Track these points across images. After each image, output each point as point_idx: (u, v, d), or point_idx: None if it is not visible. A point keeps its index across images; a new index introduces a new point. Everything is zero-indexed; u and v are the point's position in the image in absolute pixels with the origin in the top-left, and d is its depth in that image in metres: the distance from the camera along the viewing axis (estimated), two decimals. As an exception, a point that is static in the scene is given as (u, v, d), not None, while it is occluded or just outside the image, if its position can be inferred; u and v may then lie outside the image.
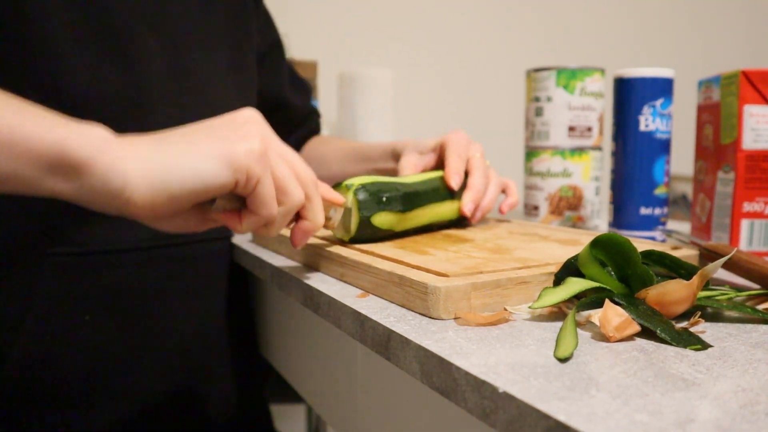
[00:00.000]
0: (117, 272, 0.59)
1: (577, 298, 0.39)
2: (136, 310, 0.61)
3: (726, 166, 0.59)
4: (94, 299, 0.58)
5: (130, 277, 0.60)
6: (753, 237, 0.57)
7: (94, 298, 0.58)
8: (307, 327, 0.60)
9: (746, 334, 0.35)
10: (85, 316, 0.58)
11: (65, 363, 0.58)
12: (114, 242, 0.59)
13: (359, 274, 0.46)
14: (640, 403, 0.25)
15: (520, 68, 1.44)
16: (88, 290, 0.58)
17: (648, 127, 0.66)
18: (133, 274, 0.60)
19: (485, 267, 0.43)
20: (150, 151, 0.37)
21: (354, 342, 0.49)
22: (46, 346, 0.57)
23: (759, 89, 0.57)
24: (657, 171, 0.66)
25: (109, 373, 0.60)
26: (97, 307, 0.59)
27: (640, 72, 0.66)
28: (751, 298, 0.42)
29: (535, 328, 0.36)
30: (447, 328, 0.36)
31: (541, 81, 0.77)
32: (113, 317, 0.60)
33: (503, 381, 0.28)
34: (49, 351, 0.57)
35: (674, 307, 0.37)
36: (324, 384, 0.57)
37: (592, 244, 0.39)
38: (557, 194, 0.76)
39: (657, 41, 2.04)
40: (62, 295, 0.57)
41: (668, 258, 0.42)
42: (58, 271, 0.56)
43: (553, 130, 0.77)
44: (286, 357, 0.68)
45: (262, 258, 0.59)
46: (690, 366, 0.30)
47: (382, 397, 0.46)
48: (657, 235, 0.66)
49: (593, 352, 0.32)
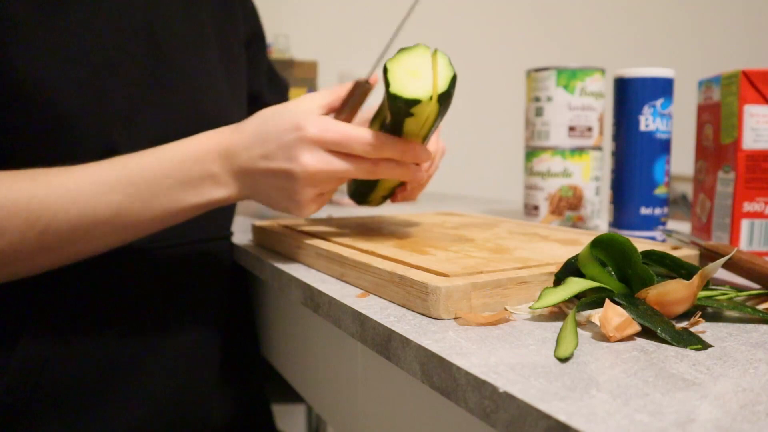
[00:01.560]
0: (117, 272, 0.59)
1: (578, 298, 0.39)
2: (136, 310, 0.61)
3: (726, 166, 0.59)
4: (95, 299, 0.58)
5: (130, 278, 0.60)
6: (753, 237, 0.57)
7: (95, 298, 0.58)
8: (307, 327, 0.60)
9: (746, 334, 0.35)
10: (86, 317, 0.58)
11: (68, 366, 0.57)
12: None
13: (359, 274, 0.46)
14: (641, 403, 0.25)
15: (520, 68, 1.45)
16: (89, 290, 0.58)
17: (648, 127, 0.66)
18: (134, 275, 0.60)
19: (485, 267, 0.43)
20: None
21: (354, 342, 0.49)
22: (48, 349, 0.57)
23: (759, 89, 0.57)
24: (657, 171, 0.66)
25: (110, 374, 0.60)
26: (97, 307, 0.59)
27: (640, 72, 0.66)
28: (752, 298, 0.42)
29: (535, 328, 0.36)
30: (447, 328, 0.36)
31: (541, 81, 0.77)
32: (113, 318, 0.59)
33: (503, 381, 0.28)
34: (52, 355, 0.57)
35: (674, 307, 0.37)
36: (324, 384, 0.57)
37: (593, 244, 0.39)
38: (557, 194, 0.76)
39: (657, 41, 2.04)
40: (63, 296, 0.57)
41: (668, 258, 0.42)
42: (59, 273, 0.56)
43: (553, 130, 0.77)
44: (287, 357, 0.68)
45: (262, 258, 0.59)
46: (690, 366, 0.30)
47: (383, 397, 0.46)
48: (657, 235, 0.66)
49: (593, 352, 0.32)
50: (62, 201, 0.48)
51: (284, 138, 0.50)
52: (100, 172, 0.50)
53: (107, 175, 0.50)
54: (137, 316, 0.61)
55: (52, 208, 0.48)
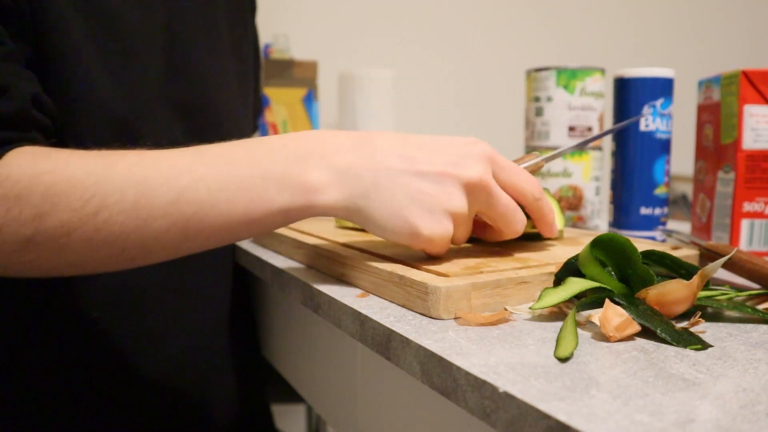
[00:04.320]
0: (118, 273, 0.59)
1: (578, 298, 0.39)
2: (138, 310, 0.61)
3: (726, 166, 0.59)
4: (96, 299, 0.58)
5: (133, 277, 0.60)
6: (753, 237, 0.57)
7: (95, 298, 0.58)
8: (307, 327, 0.60)
9: (746, 334, 0.35)
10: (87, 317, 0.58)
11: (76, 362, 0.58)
12: None
13: (359, 273, 0.46)
14: (641, 403, 0.25)
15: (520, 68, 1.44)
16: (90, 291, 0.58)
17: (648, 127, 0.66)
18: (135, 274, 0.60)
19: (485, 267, 0.43)
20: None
21: (354, 342, 0.49)
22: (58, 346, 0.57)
23: (759, 89, 0.57)
24: (657, 171, 0.66)
25: (113, 372, 0.60)
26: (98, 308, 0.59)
27: (640, 72, 0.66)
28: (752, 298, 0.42)
29: (535, 328, 0.36)
30: (447, 328, 0.36)
31: (541, 81, 0.77)
32: (114, 318, 0.60)
33: (503, 381, 0.28)
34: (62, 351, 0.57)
35: (674, 307, 0.37)
36: (324, 384, 0.57)
37: (593, 244, 0.39)
38: (557, 194, 0.76)
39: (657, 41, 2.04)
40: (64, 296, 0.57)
41: (668, 258, 0.42)
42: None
43: (554, 130, 0.77)
44: (287, 357, 0.68)
45: (262, 258, 0.59)
46: (690, 366, 0.30)
47: (382, 397, 0.46)
48: (657, 235, 0.66)
49: (593, 352, 0.32)
50: (121, 182, 0.42)
51: (446, 145, 0.43)
52: (170, 158, 0.43)
53: (177, 161, 0.43)
54: (139, 314, 0.61)
55: (109, 188, 0.41)
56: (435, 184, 0.41)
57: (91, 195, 0.41)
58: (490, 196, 0.43)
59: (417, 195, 0.41)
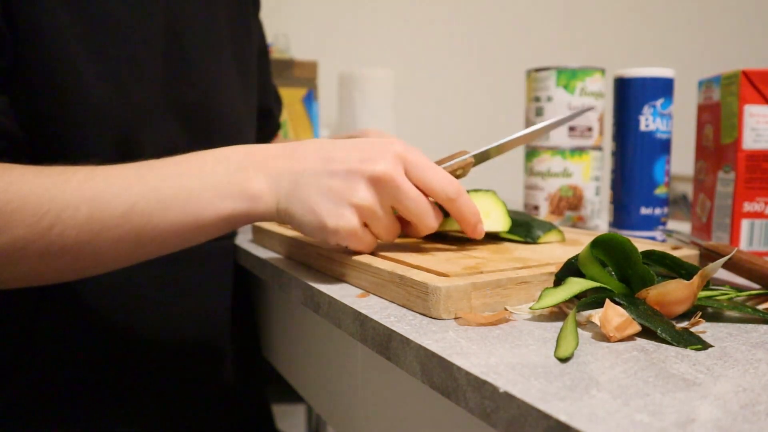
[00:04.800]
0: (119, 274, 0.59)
1: (578, 298, 0.39)
2: (137, 310, 0.61)
3: (726, 166, 0.59)
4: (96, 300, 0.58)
5: (133, 277, 0.60)
6: (753, 237, 0.57)
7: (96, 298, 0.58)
8: (307, 327, 0.60)
9: (746, 334, 0.35)
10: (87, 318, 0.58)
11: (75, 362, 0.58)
12: None
13: (359, 274, 0.46)
14: (641, 403, 0.25)
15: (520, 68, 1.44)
16: (90, 291, 0.58)
17: (648, 127, 0.66)
18: (136, 274, 0.60)
19: (485, 267, 0.43)
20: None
21: (354, 342, 0.49)
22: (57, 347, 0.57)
23: (759, 89, 0.57)
24: (657, 171, 0.66)
25: (114, 372, 0.60)
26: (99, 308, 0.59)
27: (640, 72, 0.66)
28: (752, 298, 0.42)
29: (535, 328, 0.36)
30: (447, 328, 0.36)
31: (541, 81, 0.77)
32: (115, 318, 0.60)
33: (504, 381, 0.28)
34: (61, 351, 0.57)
35: (675, 307, 0.37)
36: (324, 384, 0.57)
37: (593, 244, 0.39)
38: (557, 194, 0.76)
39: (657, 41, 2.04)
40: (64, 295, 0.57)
41: (669, 258, 0.42)
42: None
43: (554, 129, 0.77)
44: (287, 357, 0.68)
45: (262, 258, 0.59)
46: (690, 366, 0.30)
47: (383, 397, 0.46)
48: (657, 235, 0.66)
49: (594, 352, 0.32)
50: (74, 197, 0.44)
51: (362, 144, 0.45)
52: (121, 172, 0.46)
53: (127, 174, 0.46)
54: (138, 316, 0.61)
55: (62, 203, 0.44)
56: (342, 180, 0.44)
57: (46, 210, 0.43)
58: (398, 190, 0.44)
59: (326, 191, 0.44)
